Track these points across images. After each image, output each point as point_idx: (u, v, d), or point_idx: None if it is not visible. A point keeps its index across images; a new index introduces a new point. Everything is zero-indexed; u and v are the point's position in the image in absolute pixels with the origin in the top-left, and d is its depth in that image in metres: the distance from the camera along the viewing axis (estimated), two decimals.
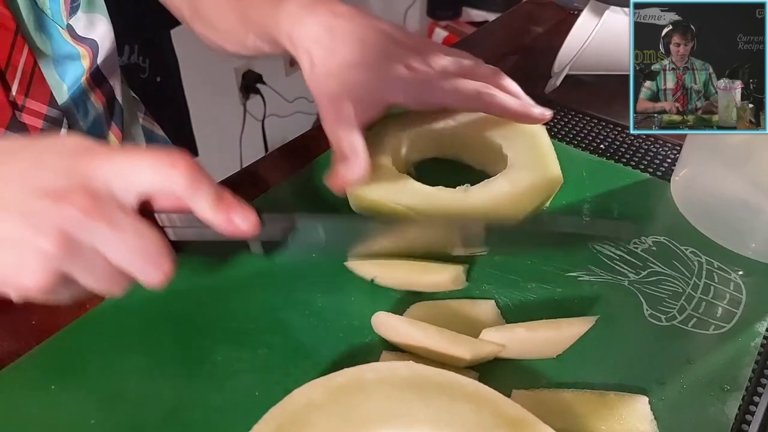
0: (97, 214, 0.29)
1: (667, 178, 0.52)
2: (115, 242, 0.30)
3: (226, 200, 0.32)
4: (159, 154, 0.31)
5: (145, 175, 0.31)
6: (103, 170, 0.30)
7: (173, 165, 0.31)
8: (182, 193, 0.31)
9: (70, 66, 0.50)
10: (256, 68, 1.74)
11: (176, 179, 0.31)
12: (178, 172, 0.31)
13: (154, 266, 0.31)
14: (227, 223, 0.32)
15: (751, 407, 0.36)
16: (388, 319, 0.37)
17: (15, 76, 0.45)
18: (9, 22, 0.43)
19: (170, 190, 0.31)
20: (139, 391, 0.35)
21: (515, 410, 0.31)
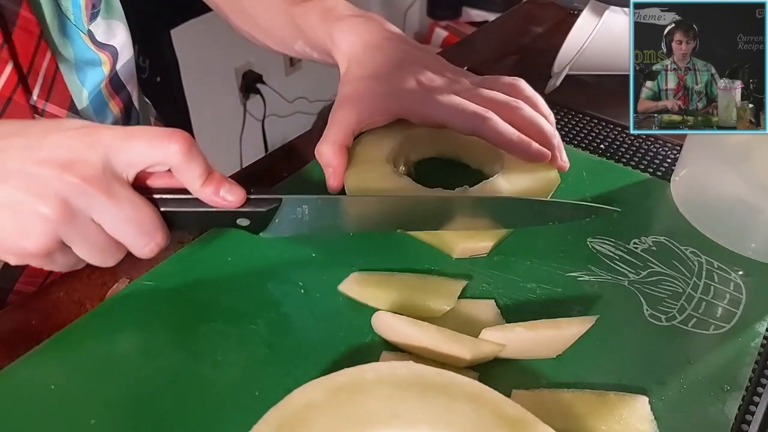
0: (96, 185, 0.31)
1: (667, 178, 0.52)
2: (112, 212, 0.32)
3: (214, 176, 0.36)
4: (159, 130, 0.34)
5: (145, 149, 0.33)
6: (104, 144, 0.32)
7: (172, 139, 0.33)
8: (177, 165, 0.34)
9: (91, 72, 0.51)
10: (256, 68, 1.74)
11: (173, 152, 0.33)
12: (176, 146, 0.33)
13: (148, 237, 0.34)
14: (214, 195, 0.35)
15: (751, 407, 0.36)
16: (388, 318, 0.37)
17: (36, 80, 0.46)
18: (33, 27, 0.44)
19: (166, 162, 0.34)
20: (138, 390, 0.35)
21: (515, 410, 0.31)
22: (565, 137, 0.57)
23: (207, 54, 1.58)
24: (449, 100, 0.45)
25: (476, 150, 0.51)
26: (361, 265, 0.43)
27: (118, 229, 0.33)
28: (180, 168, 0.34)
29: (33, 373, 0.36)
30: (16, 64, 0.44)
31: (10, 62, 0.43)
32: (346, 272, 0.42)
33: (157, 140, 0.33)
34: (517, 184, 0.45)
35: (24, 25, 0.43)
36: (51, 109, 0.47)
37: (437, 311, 0.39)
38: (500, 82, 0.48)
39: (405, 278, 0.42)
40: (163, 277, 0.42)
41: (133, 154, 0.33)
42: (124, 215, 0.33)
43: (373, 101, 0.46)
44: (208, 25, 1.54)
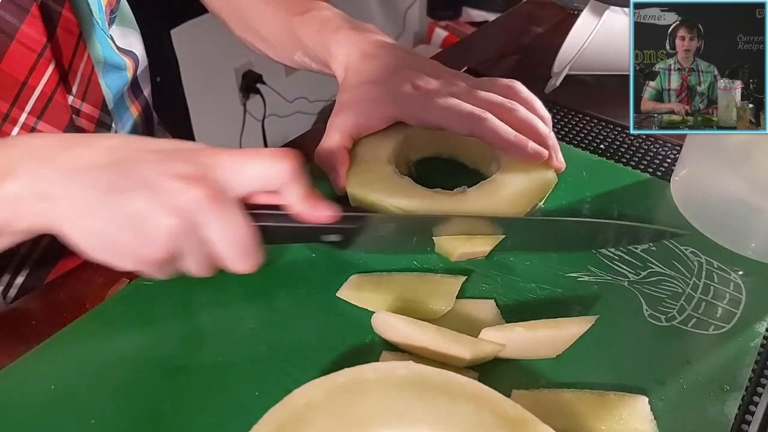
0: (217, 202, 0.33)
1: (667, 178, 0.52)
2: (222, 230, 0.34)
3: (313, 194, 0.37)
4: (273, 150, 0.36)
5: (262, 168, 0.35)
6: (224, 164, 0.34)
7: (286, 158, 0.35)
8: (286, 183, 0.36)
9: (116, 75, 0.52)
10: (256, 68, 1.74)
11: (287, 170, 0.35)
12: (289, 164, 0.35)
13: (247, 257, 0.36)
14: (311, 211, 0.37)
15: (751, 407, 0.36)
16: (388, 318, 0.37)
17: (75, 80, 0.47)
18: (74, 27, 0.45)
19: (279, 180, 0.35)
20: (138, 390, 0.35)
21: (515, 410, 0.31)
22: (565, 137, 0.57)
23: (207, 54, 1.58)
24: (446, 102, 0.45)
25: (473, 150, 0.51)
26: (361, 264, 0.43)
27: (223, 247, 0.35)
28: (288, 185, 0.36)
29: (33, 373, 0.36)
30: (58, 63, 0.44)
31: (52, 62, 0.44)
32: (345, 271, 0.42)
33: (274, 159, 0.35)
34: (515, 184, 0.45)
35: (66, 25, 0.44)
36: (86, 108, 0.48)
37: (436, 312, 0.39)
38: (497, 85, 0.48)
39: (403, 279, 0.42)
40: None
41: (251, 174, 0.35)
42: (230, 235, 0.34)
43: (370, 106, 0.47)
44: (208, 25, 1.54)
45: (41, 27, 0.42)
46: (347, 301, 0.40)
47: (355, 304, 0.40)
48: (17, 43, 0.41)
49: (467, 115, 0.44)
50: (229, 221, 0.34)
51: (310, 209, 0.37)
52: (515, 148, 0.44)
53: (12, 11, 0.41)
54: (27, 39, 0.42)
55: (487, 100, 0.46)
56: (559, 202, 0.49)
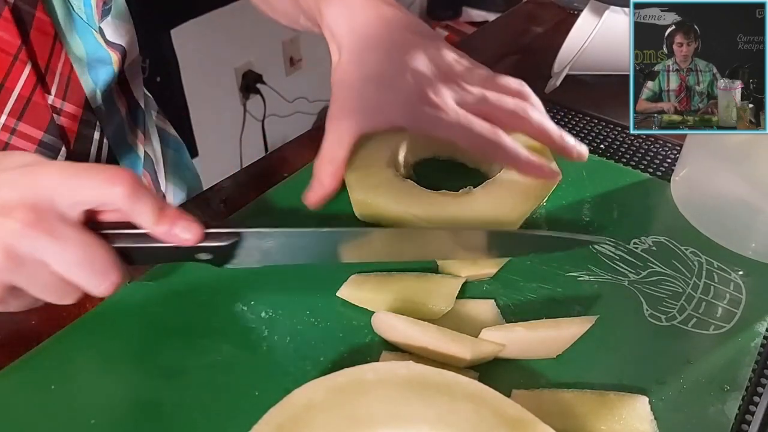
0: (38, 227, 0.30)
1: (667, 178, 0.52)
2: (58, 254, 0.31)
3: (167, 213, 0.34)
4: (100, 171, 0.32)
5: (87, 191, 0.32)
6: (46, 185, 0.31)
7: (112, 182, 0.32)
8: (123, 207, 0.32)
9: (102, 70, 0.51)
10: (256, 68, 1.74)
11: (116, 195, 0.32)
12: (119, 189, 0.32)
13: (100, 276, 0.32)
14: (168, 234, 0.34)
15: (751, 407, 0.36)
16: (388, 318, 0.37)
17: (54, 80, 0.46)
18: (49, 28, 0.44)
19: (112, 204, 0.32)
20: (138, 391, 0.35)
21: (515, 410, 0.31)
22: None
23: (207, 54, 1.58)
24: (457, 120, 0.42)
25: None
26: (361, 264, 0.43)
27: (68, 271, 0.32)
28: (128, 210, 0.33)
29: (33, 373, 0.36)
30: (35, 64, 0.44)
31: (28, 63, 0.43)
32: (345, 271, 0.42)
33: (99, 184, 0.32)
34: (520, 183, 0.45)
35: (40, 26, 0.44)
36: (68, 108, 0.48)
37: (436, 312, 0.39)
38: (507, 87, 0.46)
39: (403, 279, 0.41)
40: (163, 277, 0.42)
41: (77, 196, 0.32)
42: (72, 256, 0.31)
43: (373, 112, 0.44)
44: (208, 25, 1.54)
45: (14, 30, 0.42)
46: (347, 301, 0.40)
47: (355, 304, 0.40)
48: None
49: (478, 136, 0.42)
50: (64, 245, 0.31)
51: (167, 231, 0.34)
52: (531, 170, 0.44)
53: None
54: (1, 42, 0.41)
55: (499, 107, 0.44)
56: (559, 202, 0.49)
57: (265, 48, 1.76)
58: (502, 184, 0.45)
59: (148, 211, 0.33)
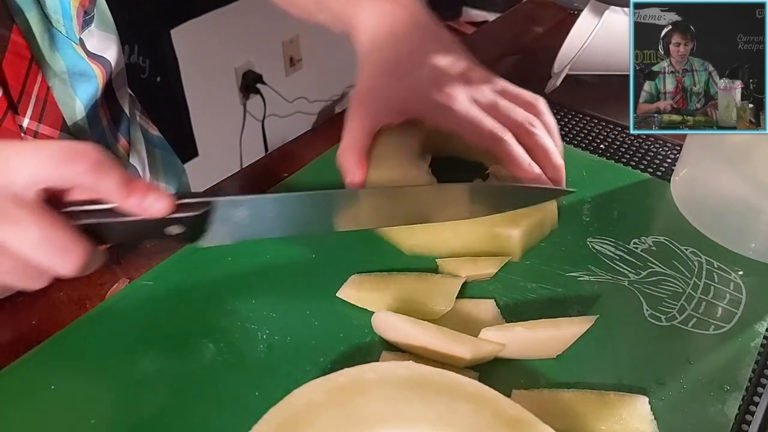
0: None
1: (667, 178, 0.52)
2: (16, 236, 0.30)
3: (137, 186, 0.33)
4: (64, 149, 0.31)
5: (47, 170, 0.31)
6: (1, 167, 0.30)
7: (75, 159, 0.31)
8: (87, 183, 0.32)
9: (85, 84, 0.50)
10: (256, 68, 1.74)
11: (79, 173, 0.31)
12: (80, 166, 0.31)
13: (62, 255, 0.31)
14: (139, 206, 0.33)
15: (751, 407, 0.36)
16: (388, 318, 0.37)
17: (29, 103, 0.45)
18: (24, 51, 0.44)
19: (73, 181, 0.32)
20: (138, 390, 0.35)
21: (515, 410, 0.31)
22: (565, 137, 0.57)
23: (207, 54, 1.58)
24: (467, 113, 0.43)
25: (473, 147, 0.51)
26: (361, 263, 0.43)
27: (28, 252, 0.31)
28: (93, 186, 0.32)
29: (33, 373, 0.36)
30: (5, 90, 0.43)
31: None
32: (345, 271, 0.42)
33: (61, 162, 0.31)
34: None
35: (15, 49, 0.43)
36: (44, 130, 0.47)
37: (436, 312, 0.39)
38: (521, 98, 0.46)
39: (403, 279, 0.41)
40: (163, 277, 0.42)
41: (35, 175, 0.31)
42: (30, 237, 0.30)
43: (389, 102, 0.45)
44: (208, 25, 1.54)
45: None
46: (347, 301, 0.40)
47: (355, 304, 0.40)
48: None
49: (487, 133, 0.43)
50: (19, 227, 0.30)
51: (138, 203, 0.33)
52: (530, 177, 0.43)
53: None
54: None
55: (508, 116, 0.44)
56: (558, 201, 0.49)
57: (265, 48, 1.76)
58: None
59: (114, 185, 0.32)
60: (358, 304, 0.40)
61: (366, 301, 0.40)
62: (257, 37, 1.70)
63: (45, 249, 0.31)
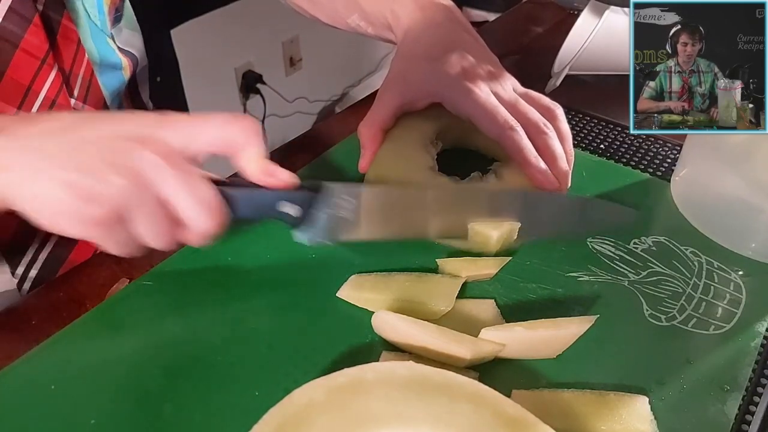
0: (171, 161, 0.33)
1: (667, 178, 0.52)
2: (183, 187, 0.34)
3: (269, 161, 0.37)
4: (229, 114, 0.36)
5: (218, 129, 0.35)
6: (181, 126, 0.35)
7: (237, 119, 0.36)
8: (243, 143, 0.36)
9: (112, 75, 0.53)
10: (256, 68, 1.74)
11: (239, 129, 0.36)
12: (240, 124, 0.36)
13: (213, 214, 0.35)
14: (267, 172, 0.37)
15: (751, 407, 0.36)
16: (388, 318, 0.37)
17: (76, 83, 0.48)
18: (73, 34, 0.46)
19: (236, 140, 0.36)
20: (138, 391, 0.35)
21: (515, 410, 0.31)
22: None
23: (207, 54, 1.58)
24: (485, 99, 0.45)
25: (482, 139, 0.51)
26: (361, 263, 0.43)
27: (185, 202, 0.34)
28: (240, 146, 0.36)
29: (33, 373, 0.36)
30: (60, 68, 0.46)
31: (55, 67, 0.45)
32: (345, 271, 0.42)
33: (230, 120, 0.35)
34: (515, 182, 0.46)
35: (65, 33, 0.46)
36: (88, 110, 0.49)
37: (436, 313, 0.39)
38: (540, 102, 0.47)
39: (403, 279, 0.41)
40: (163, 277, 0.42)
41: (208, 134, 0.35)
42: (192, 191, 0.34)
43: (418, 83, 0.48)
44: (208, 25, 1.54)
45: (43, 35, 0.44)
46: (347, 301, 0.40)
47: (355, 304, 0.40)
48: (21, 51, 0.43)
49: (501, 121, 0.44)
50: (188, 179, 0.34)
51: (265, 173, 0.37)
52: (533, 171, 0.44)
53: (15, 21, 0.42)
54: (30, 47, 0.43)
55: (524, 113, 0.45)
56: None
57: (265, 48, 1.76)
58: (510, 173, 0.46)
59: (257, 150, 0.36)
60: (358, 305, 0.40)
61: (366, 301, 0.40)
62: (257, 37, 1.70)
63: (198, 204, 0.34)
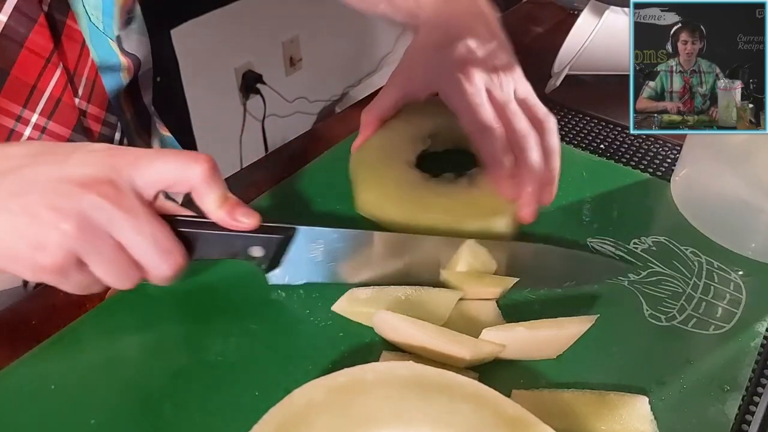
0: (116, 202, 0.32)
1: (667, 178, 0.52)
2: (132, 230, 0.33)
3: (231, 199, 0.36)
4: (184, 152, 0.35)
5: (170, 169, 0.34)
6: (128, 163, 0.33)
7: (198, 161, 0.34)
8: (198, 186, 0.35)
9: (110, 76, 0.53)
10: (256, 68, 1.74)
11: (198, 173, 0.34)
12: (200, 168, 0.34)
13: (167, 258, 0.34)
14: (229, 216, 0.36)
15: (751, 407, 0.36)
16: (388, 318, 0.37)
17: (80, 83, 0.48)
18: (78, 35, 0.47)
19: (189, 182, 0.34)
20: (138, 391, 0.35)
21: (515, 410, 0.31)
22: (565, 137, 0.57)
23: (207, 54, 1.58)
24: (472, 95, 0.44)
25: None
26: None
27: (136, 246, 0.33)
28: (201, 189, 0.35)
29: (33, 373, 0.36)
30: (65, 67, 0.46)
31: (60, 66, 0.45)
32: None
33: (183, 161, 0.34)
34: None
35: (70, 33, 0.46)
36: (92, 110, 0.50)
37: None
38: (533, 112, 0.46)
39: (399, 293, 0.40)
40: None
41: (157, 174, 0.34)
42: (142, 232, 0.33)
43: (421, 73, 0.48)
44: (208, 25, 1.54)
45: (48, 35, 0.44)
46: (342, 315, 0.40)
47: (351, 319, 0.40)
48: (26, 50, 0.43)
49: (480, 120, 0.44)
50: (137, 220, 0.33)
51: (227, 214, 0.36)
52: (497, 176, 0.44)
53: (20, 21, 0.42)
54: (35, 46, 0.43)
55: (510, 118, 0.44)
56: (559, 202, 0.49)
57: (265, 48, 1.76)
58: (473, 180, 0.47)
59: (217, 193, 0.35)
60: (353, 319, 0.40)
61: (362, 315, 0.39)
62: (257, 37, 1.70)
63: (152, 247, 0.34)
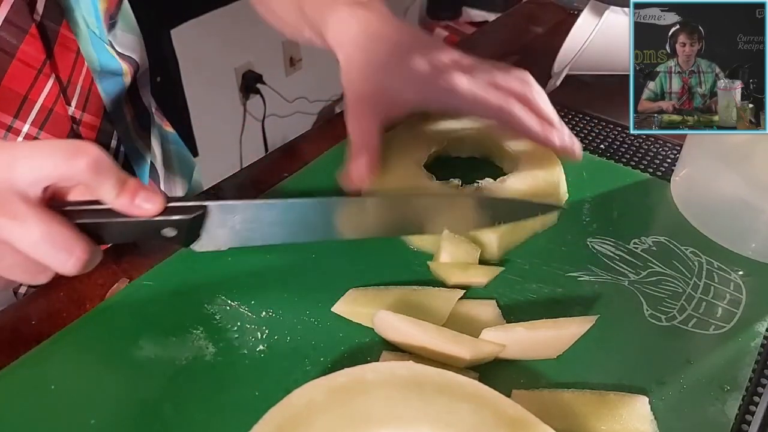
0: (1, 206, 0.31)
1: (667, 178, 0.52)
2: (19, 233, 0.31)
3: (129, 185, 0.34)
4: (65, 145, 0.32)
5: (48, 166, 0.32)
6: (6, 166, 0.31)
7: (75, 155, 0.32)
8: (86, 180, 0.33)
9: (112, 80, 0.53)
10: (256, 68, 1.74)
11: (80, 168, 0.32)
12: (82, 162, 0.32)
13: (64, 253, 0.33)
14: (130, 205, 0.34)
15: (751, 407, 0.36)
16: (388, 318, 0.37)
17: (74, 92, 0.47)
18: (72, 44, 0.46)
19: (74, 178, 0.33)
20: (138, 391, 0.35)
21: (515, 410, 0.31)
22: None
23: (207, 54, 1.58)
24: (471, 90, 0.44)
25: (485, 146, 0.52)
26: (360, 264, 0.43)
27: (32, 249, 0.32)
28: (91, 183, 0.33)
29: (33, 373, 0.36)
30: (57, 78, 0.45)
31: (52, 76, 0.45)
32: (345, 271, 0.42)
33: (63, 157, 0.32)
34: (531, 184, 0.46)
35: (64, 42, 0.45)
36: (87, 118, 0.49)
37: None
38: (511, 75, 0.47)
39: (399, 293, 0.40)
40: (163, 277, 0.42)
41: (37, 172, 0.32)
42: (33, 234, 0.32)
43: (389, 97, 0.45)
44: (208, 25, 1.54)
45: (40, 45, 0.43)
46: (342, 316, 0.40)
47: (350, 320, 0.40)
48: (18, 61, 0.43)
49: (495, 105, 0.44)
50: (23, 223, 0.31)
51: (129, 202, 0.34)
52: (546, 134, 0.44)
53: (11, 32, 0.42)
54: (27, 57, 0.43)
55: (509, 88, 0.45)
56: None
57: (265, 48, 1.76)
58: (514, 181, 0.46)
59: (111, 183, 0.33)
60: (353, 320, 0.40)
61: (361, 316, 0.39)
62: (257, 37, 1.70)
63: (47, 247, 0.32)
